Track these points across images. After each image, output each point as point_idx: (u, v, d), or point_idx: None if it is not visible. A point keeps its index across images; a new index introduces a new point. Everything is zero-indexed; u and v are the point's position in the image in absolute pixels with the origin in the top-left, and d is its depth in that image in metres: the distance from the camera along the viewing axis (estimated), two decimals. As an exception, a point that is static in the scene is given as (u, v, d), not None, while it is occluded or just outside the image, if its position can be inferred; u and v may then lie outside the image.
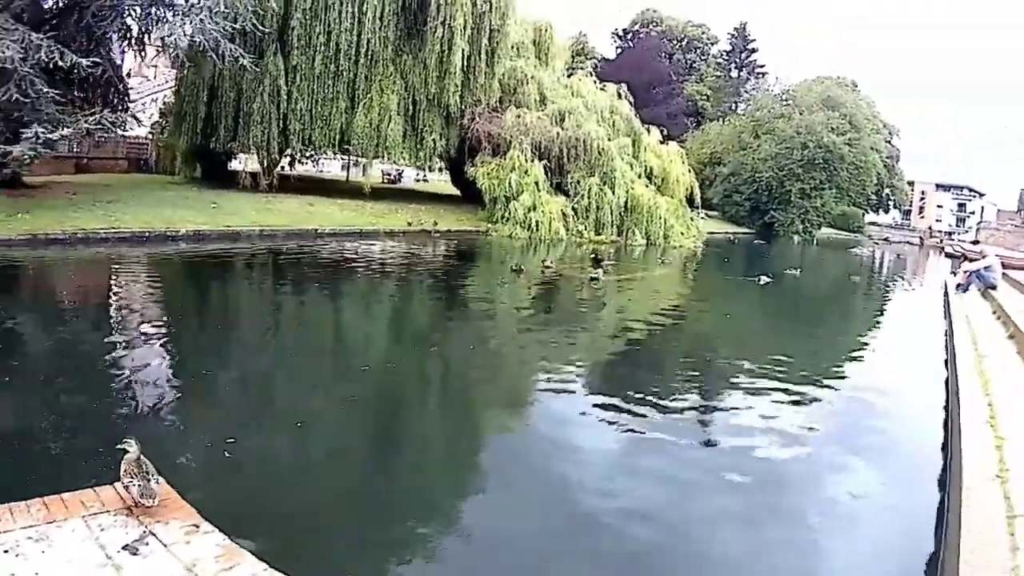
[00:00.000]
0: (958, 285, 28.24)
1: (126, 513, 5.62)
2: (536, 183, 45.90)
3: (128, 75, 61.20)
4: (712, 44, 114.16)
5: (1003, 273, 27.52)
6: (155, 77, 62.10)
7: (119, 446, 5.91)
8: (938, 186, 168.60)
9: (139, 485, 5.66)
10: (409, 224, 42.71)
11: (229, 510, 6.04)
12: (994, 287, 26.16)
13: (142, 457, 5.86)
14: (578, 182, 47.80)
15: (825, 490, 8.11)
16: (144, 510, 5.62)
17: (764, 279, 32.06)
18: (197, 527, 5.48)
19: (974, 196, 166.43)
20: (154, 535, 5.32)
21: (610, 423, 9.54)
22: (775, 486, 7.98)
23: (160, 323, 15.19)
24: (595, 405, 10.32)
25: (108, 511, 5.65)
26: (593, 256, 33.00)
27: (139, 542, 5.21)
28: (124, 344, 12.51)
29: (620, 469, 8.07)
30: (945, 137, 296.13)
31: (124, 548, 5.11)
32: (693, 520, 6.92)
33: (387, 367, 12.74)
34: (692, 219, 59.59)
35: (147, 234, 28.46)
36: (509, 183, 45.49)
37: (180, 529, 5.43)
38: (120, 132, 35.07)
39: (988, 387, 10.17)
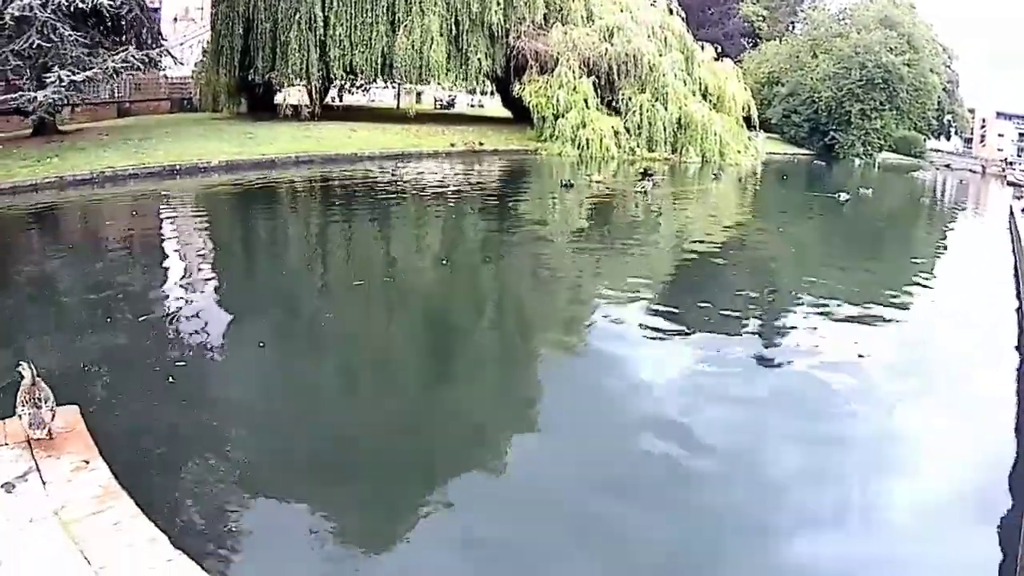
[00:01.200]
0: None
1: (24, 446, 5.33)
2: (585, 100, 45.05)
3: (175, 20, 60.93)
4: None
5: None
6: (202, 19, 61.70)
7: (16, 370, 5.45)
8: (999, 114, 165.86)
9: (29, 413, 5.28)
10: (452, 145, 41.93)
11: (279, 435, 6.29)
12: None
13: (38, 383, 5.41)
14: (629, 99, 46.75)
15: (893, 424, 7.53)
16: (44, 443, 5.32)
17: (844, 196, 32.17)
18: (87, 463, 5.16)
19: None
20: (39, 471, 5.03)
21: (670, 348, 9.09)
22: (841, 418, 7.46)
23: (181, 256, 14.94)
24: (653, 330, 9.76)
25: (7, 444, 5.37)
26: (643, 171, 32.29)
27: (21, 479, 4.93)
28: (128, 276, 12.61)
29: (682, 394, 7.60)
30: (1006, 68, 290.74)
31: (1, 486, 4.83)
32: (758, 453, 6.52)
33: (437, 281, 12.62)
34: (750, 138, 58.40)
35: (177, 167, 27.97)
36: (557, 100, 44.52)
37: (69, 465, 5.13)
38: (157, 71, 35.18)
39: None
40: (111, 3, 27.38)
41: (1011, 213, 28.95)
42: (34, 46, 25.92)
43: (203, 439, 6.27)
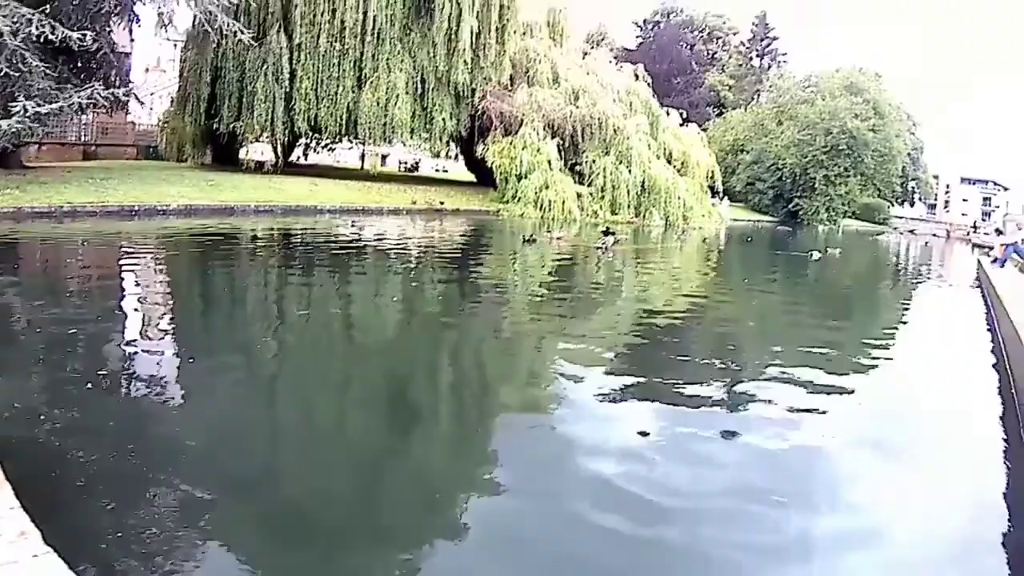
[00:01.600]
0: (994, 260, 27.54)
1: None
2: (548, 161, 45.14)
3: (146, 70, 61.02)
4: (733, 34, 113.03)
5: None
6: (173, 71, 62.28)
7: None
8: (963, 180, 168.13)
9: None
10: (414, 203, 42.09)
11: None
12: None
13: None
14: (593, 161, 47.28)
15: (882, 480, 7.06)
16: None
17: (816, 255, 33.36)
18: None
19: (999, 190, 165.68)
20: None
21: (629, 415, 8.37)
22: (804, 494, 6.72)
23: (130, 297, 14.17)
24: (612, 395, 9.02)
25: None
26: (605, 230, 31.71)
27: None
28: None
29: (639, 462, 6.99)
30: (970, 132, 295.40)
31: None
32: (717, 528, 5.95)
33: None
34: (714, 204, 59.27)
35: (136, 208, 27.84)
36: (520, 161, 44.54)
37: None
38: (124, 113, 35.35)
39: None
40: (81, 39, 27.06)
41: (979, 265, 29.46)
42: (1, 73, 25.79)
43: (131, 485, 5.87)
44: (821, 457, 7.14)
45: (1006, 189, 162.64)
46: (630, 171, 47.31)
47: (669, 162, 52.88)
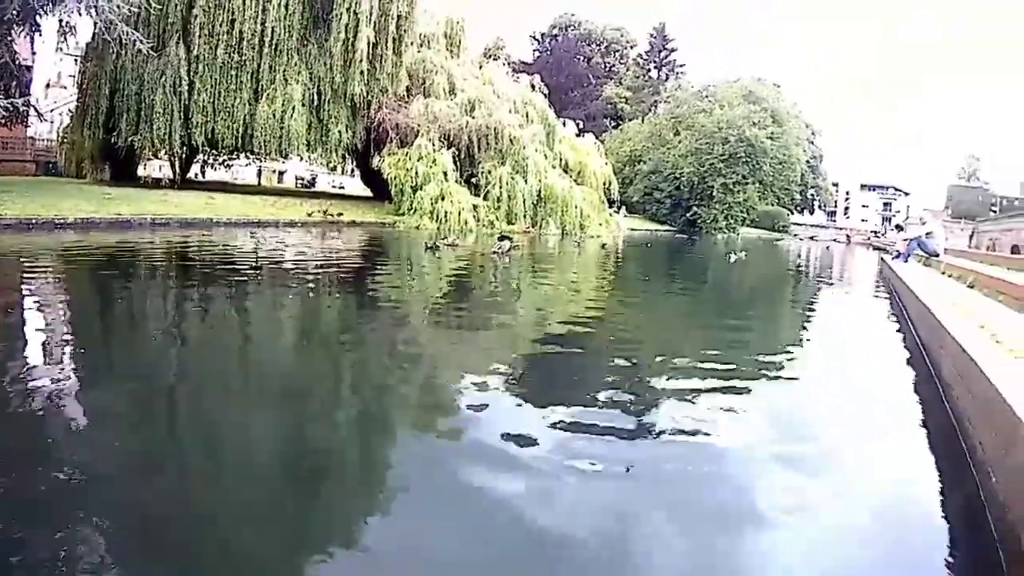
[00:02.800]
0: (896, 255, 28.39)
1: None
2: (444, 172, 45.71)
3: (47, 86, 60.22)
4: (631, 47, 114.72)
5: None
6: (74, 86, 61.41)
7: None
8: (863, 186, 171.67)
9: None
10: (310, 215, 42.03)
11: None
12: (937, 255, 26.08)
13: None
14: (489, 171, 47.70)
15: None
16: None
17: (733, 257, 34.40)
18: None
19: (899, 195, 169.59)
20: None
21: (534, 429, 7.71)
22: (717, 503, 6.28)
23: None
24: (515, 409, 8.63)
25: None
26: (500, 236, 32.44)
27: None
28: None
29: (548, 477, 6.59)
30: (872, 139, 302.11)
31: None
32: (637, 542, 5.63)
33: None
34: (611, 214, 60.14)
35: (32, 221, 27.73)
36: (415, 172, 45.10)
37: None
38: (23, 126, 34.70)
39: (975, 319, 9.76)
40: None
41: (882, 262, 31.24)
42: None
43: None
44: (730, 463, 6.93)
45: (906, 194, 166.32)
46: (526, 181, 48.25)
47: (566, 172, 53.81)
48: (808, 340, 15.16)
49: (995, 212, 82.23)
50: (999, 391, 5.40)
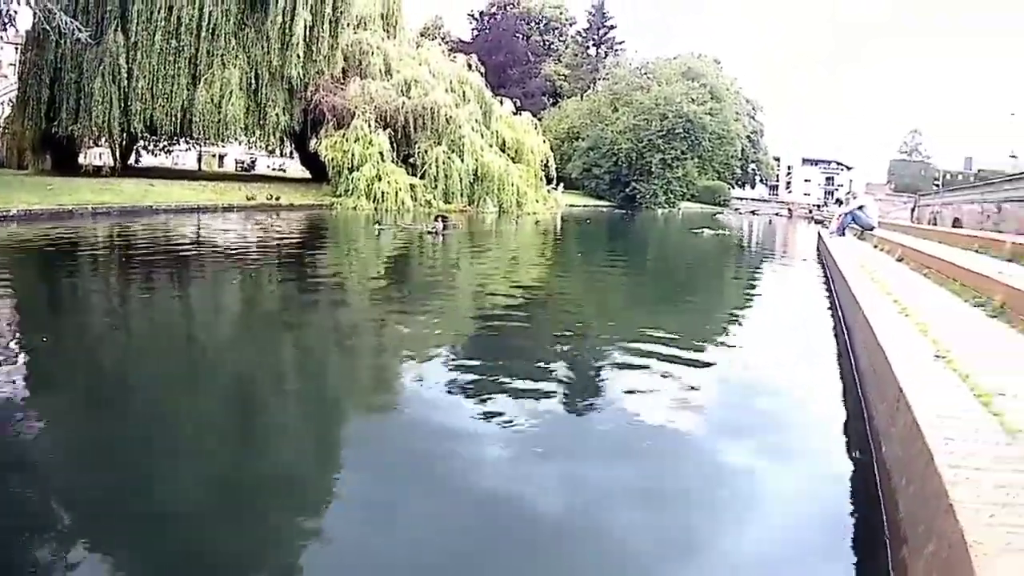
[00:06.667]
0: (832, 230, 28.67)
1: None
2: (380, 153, 46.98)
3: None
4: (571, 24, 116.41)
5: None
6: (15, 75, 61.10)
7: None
8: (805, 160, 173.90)
9: None
10: (249, 199, 42.54)
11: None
12: (871, 228, 27.14)
13: None
14: (425, 151, 48.53)
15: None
16: None
17: (708, 232, 36.41)
18: None
19: (842, 169, 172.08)
20: None
21: (481, 406, 7.88)
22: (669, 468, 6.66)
23: None
24: (461, 387, 8.57)
25: None
26: (436, 216, 32.81)
27: None
28: None
29: (501, 450, 6.76)
30: (815, 113, 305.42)
31: None
32: (591, 513, 5.66)
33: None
34: (549, 191, 61.38)
35: (-26, 214, 28.18)
36: (352, 154, 46.07)
37: None
38: None
39: (891, 294, 9.92)
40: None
41: (819, 238, 31.65)
42: None
43: None
44: (667, 438, 7.03)
45: (849, 168, 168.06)
46: (462, 160, 49.39)
47: (503, 150, 54.78)
48: (741, 314, 15.57)
49: (938, 186, 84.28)
50: (888, 361, 5.70)
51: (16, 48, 37.59)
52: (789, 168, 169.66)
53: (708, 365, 9.76)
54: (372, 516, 5.28)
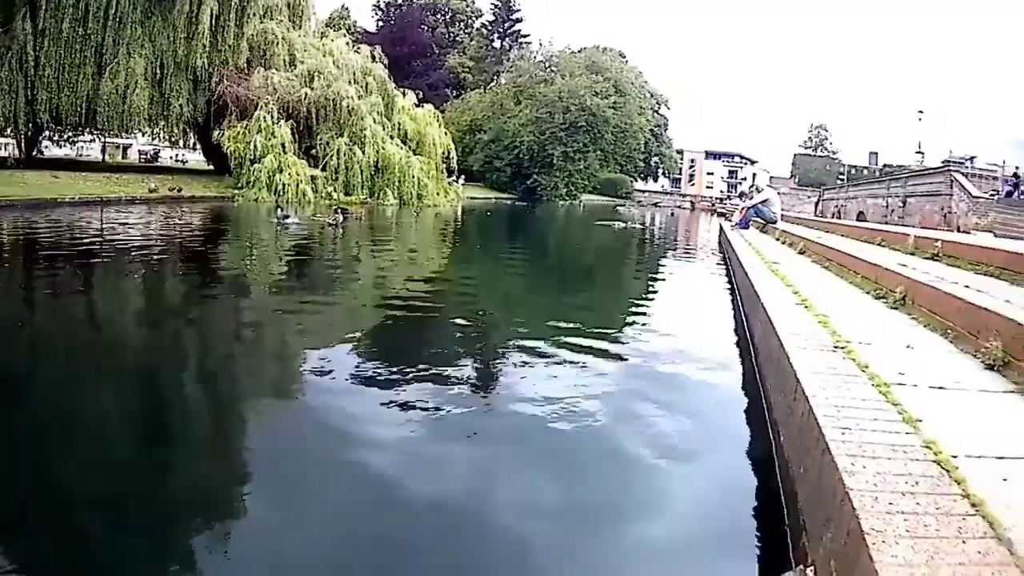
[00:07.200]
0: (735, 223, 29.44)
1: None
2: (282, 145, 47.22)
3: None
4: (476, 17, 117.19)
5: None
6: None
7: None
8: (708, 154, 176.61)
9: None
10: (151, 191, 41.88)
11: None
12: (774, 221, 27.33)
13: None
14: (327, 143, 49.31)
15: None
16: None
17: (619, 225, 37.03)
18: None
19: (746, 163, 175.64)
20: None
21: (386, 399, 7.93)
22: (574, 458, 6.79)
23: None
24: (365, 381, 8.62)
25: None
26: (335, 208, 32.87)
27: None
28: None
29: (408, 442, 6.79)
30: (719, 107, 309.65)
31: None
32: (497, 502, 5.79)
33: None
34: (451, 183, 62.50)
35: None
36: (254, 145, 46.17)
37: None
38: None
39: (791, 286, 10.14)
40: None
41: (720, 230, 32.85)
42: None
43: None
44: (569, 425, 7.11)
45: (753, 162, 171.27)
46: (364, 152, 50.26)
47: (404, 142, 55.52)
48: (643, 304, 15.98)
49: (843, 180, 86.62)
50: (786, 352, 5.80)
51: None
52: (692, 161, 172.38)
53: (611, 356, 10.02)
54: (278, 503, 5.40)
